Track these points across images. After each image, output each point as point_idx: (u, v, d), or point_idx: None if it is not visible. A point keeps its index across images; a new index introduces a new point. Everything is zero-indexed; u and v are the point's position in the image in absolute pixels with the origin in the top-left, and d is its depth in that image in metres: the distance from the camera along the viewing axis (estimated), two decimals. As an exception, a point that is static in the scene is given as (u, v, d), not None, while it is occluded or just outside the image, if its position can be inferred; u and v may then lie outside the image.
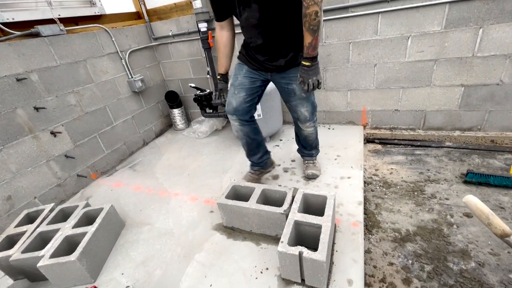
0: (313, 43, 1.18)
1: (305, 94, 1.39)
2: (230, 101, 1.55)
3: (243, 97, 1.51)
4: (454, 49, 1.92)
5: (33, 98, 1.86)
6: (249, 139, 1.67)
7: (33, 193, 1.88)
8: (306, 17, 1.14)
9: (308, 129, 1.69)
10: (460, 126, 2.18)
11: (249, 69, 1.51)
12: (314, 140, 1.81)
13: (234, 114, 1.56)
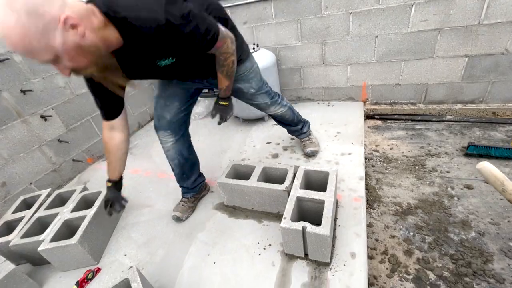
0: (230, 86, 1.21)
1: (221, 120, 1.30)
2: (161, 115, 1.31)
3: (177, 106, 1.30)
4: (459, 17, 1.83)
5: (18, 81, 1.76)
6: (182, 159, 1.43)
7: (28, 179, 1.84)
8: (224, 67, 1.11)
9: (278, 111, 1.58)
10: (462, 99, 2.14)
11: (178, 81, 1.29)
12: (292, 116, 1.68)
13: (168, 129, 1.33)
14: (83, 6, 0.74)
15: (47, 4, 0.64)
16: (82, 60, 0.75)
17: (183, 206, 1.52)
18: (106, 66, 0.85)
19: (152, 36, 0.82)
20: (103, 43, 0.78)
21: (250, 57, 1.32)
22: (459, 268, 1.16)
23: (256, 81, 1.38)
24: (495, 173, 0.60)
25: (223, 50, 1.03)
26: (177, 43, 0.87)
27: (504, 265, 1.14)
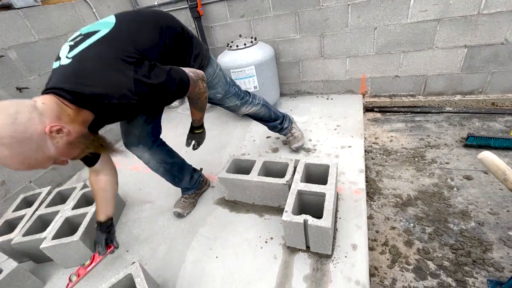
0: (202, 117, 1.26)
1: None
2: (127, 130, 1.23)
3: (143, 118, 1.22)
4: (459, 7, 1.81)
5: (14, 78, 1.74)
6: (167, 165, 1.40)
7: (27, 177, 1.84)
8: (198, 104, 1.13)
9: (250, 110, 1.54)
10: (461, 90, 2.13)
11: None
12: (268, 112, 1.63)
13: (139, 144, 1.26)
14: (53, 105, 0.74)
15: (29, 125, 0.67)
16: (75, 151, 0.82)
17: (183, 202, 1.52)
18: (91, 143, 0.88)
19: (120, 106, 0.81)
20: (84, 125, 0.84)
21: (211, 62, 1.24)
22: (459, 257, 1.17)
23: (222, 85, 1.33)
24: (497, 163, 0.60)
25: (196, 92, 1.03)
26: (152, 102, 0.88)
27: (503, 254, 1.15)
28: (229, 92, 1.39)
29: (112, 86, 0.79)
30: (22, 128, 0.66)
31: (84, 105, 0.80)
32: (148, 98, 0.85)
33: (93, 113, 0.84)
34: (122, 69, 0.80)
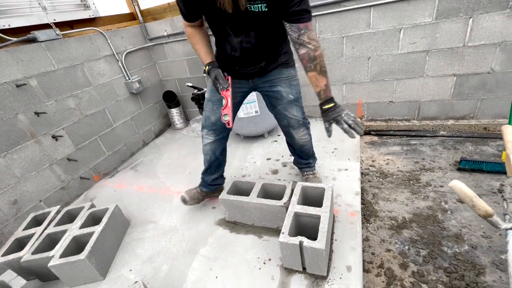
0: (328, 84, 1.17)
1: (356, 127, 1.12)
2: (208, 116, 1.45)
3: None
4: (445, 40, 1.95)
5: (33, 103, 1.89)
6: (213, 157, 1.57)
7: (38, 197, 1.92)
8: (316, 60, 1.11)
9: (303, 137, 1.56)
10: (454, 115, 2.23)
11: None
12: (311, 147, 1.67)
13: (211, 129, 1.47)
14: None
15: None
16: None
17: (194, 193, 1.68)
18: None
19: None
20: None
21: (295, 66, 1.40)
22: (453, 281, 1.20)
23: (296, 90, 1.42)
24: (465, 191, 0.67)
25: (312, 35, 1.06)
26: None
27: (495, 277, 1.18)
28: (298, 101, 1.45)
29: None
30: None
31: None
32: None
33: None
34: None
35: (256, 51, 1.24)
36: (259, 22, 1.12)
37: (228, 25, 1.16)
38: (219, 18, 1.13)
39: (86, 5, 2.33)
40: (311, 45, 1.08)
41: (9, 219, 1.75)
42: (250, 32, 1.17)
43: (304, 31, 1.06)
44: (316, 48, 1.09)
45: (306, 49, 1.09)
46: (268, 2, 1.03)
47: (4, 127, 1.73)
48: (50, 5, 2.04)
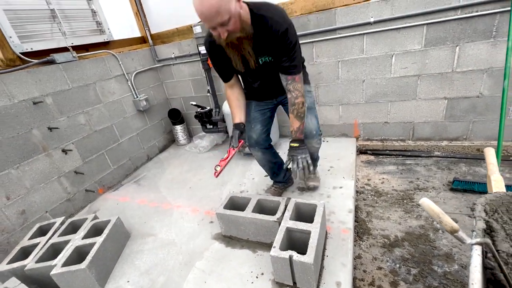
0: (300, 128, 1.40)
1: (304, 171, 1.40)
2: (250, 135, 1.66)
3: (260, 129, 1.64)
4: (434, 66, 2.06)
5: (47, 119, 2.03)
6: (271, 164, 1.80)
7: (44, 208, 2.01)
8: (295, 106, 1.36)
9: (315, 145, 1.66)
10: (447, 136, 2.29)
11: (256, 102, 1.65)
12: (317, 153, 1.85)
13: (256, 146, 1.67)
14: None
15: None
16: (236, 25, 1.14)
17: (274, 190, 1.91)
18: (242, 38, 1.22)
19: (271, 33, 1.22)
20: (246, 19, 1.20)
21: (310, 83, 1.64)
22: (442, 300, 1.22)
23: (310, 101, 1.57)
24: (432, 208, 0.73)
25: (296, 86, 1.32)
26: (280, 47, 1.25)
27: (484, 297, 1.19)
28: (312, 109, 1.58)
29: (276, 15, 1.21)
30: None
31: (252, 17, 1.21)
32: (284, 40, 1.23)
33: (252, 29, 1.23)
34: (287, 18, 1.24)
35: (273, 88, 1.52)
36: (269, 70, 1.39)
37: (248, 76, 1.50)
38: (241, 73, 1.49)
39: (101, 30, 2.54)
40: (294, 93, 1.33)
41: (16, 229, 1.83)
42: (265, 77, 1.46)
43: (290, 82, 1.33)
44: (297, 96, 1.34)
45: (290, 95, 1.36)
46: (272, 55, 1.32)
47: (20, 141, 1.86)
48: (69, 30, 2.24)
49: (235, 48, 1.25)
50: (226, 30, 1.12)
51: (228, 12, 1.06)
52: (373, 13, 2.05)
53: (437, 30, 1.95)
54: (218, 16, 1.06)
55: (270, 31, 1.21)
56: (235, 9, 1.09)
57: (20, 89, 1.86)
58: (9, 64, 1.85)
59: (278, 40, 1.23)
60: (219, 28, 1.11)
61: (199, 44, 2.60)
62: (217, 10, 1.04)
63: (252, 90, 1.60)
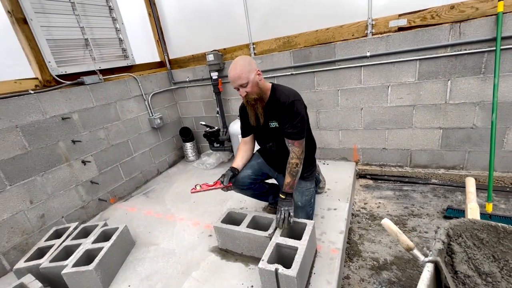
0: (291, 183, 1.58)
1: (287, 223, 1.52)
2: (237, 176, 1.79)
3: (248, 174, 1.79)
4: (428, 97, 2.19)
5: (72, 133, 2.27)
6: (253, 195, 1.92)
7: (61, 213, 2.20)
8: (290, 165, 1.57)
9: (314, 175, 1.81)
10: (444, 164, 2.35)
11: (263, 162, 1.87)
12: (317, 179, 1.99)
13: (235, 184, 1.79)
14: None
15: (253, 64, 1.52)
16: (254, 90, 1.52)
17: (270, 209, 2.09)
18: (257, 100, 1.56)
19: (279, 104, 1.56)
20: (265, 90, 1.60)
21: (313, 182, 1.79)
22: (423, 324, 1.26)
23: (306, 200, 1.73)
24: (391, 227, 0.83)
25: (295, 149, 1.56)
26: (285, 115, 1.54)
27: (464, 324, 1.22)
28: (304, 209, 1.73)
29: (287, 91, 1.59)
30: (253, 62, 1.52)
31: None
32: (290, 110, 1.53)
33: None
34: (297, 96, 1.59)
35: (280, 154, 1.72)
36: (276, 134, 1.67)
37: (260, 136, 1.79)
38: (255, 132, 1.81)
39: (126, 56, 2.85)
40: (291, 154, 1.58)
41: (35, 231, 2.02)
42: (273, 141, 1.72)
43: (290, 145, 1.59)
44: (293, 157, 1.57)
45: (289, 157, 1.60)
46: (278, 121, 1.61)
47: (47, 151, 2.10)
48: (98, 56, 2.56)
49: (251, 106, 1.59)
50: (245, 91, 1.51)
51: (247, 78, 1.48)
52: (369, 48, 2.23)
53: (429, 65, 2.10)
54: (239, 80, 1.48)
55: (278, 102, 1.57)
56: (254, 78, 1.50)
57: (52, 106, 2.13)
58: (46, 85, 2.14)
59: (283, 109, 1.54)
60: (240, 88, 1.52)
61: (211, 70, 2.86)
62: (239, 76, 1.47)
63: (265, 151, 1.84)
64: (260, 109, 1.59)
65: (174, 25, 3.11)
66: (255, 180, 1.83)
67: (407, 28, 2.10)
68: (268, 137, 1.73)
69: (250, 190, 1.85)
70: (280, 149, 1.70)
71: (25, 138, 1.97)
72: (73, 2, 2.29)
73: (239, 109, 1.83)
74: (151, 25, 3.17)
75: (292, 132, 1.55)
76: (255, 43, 2.72)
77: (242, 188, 1.81)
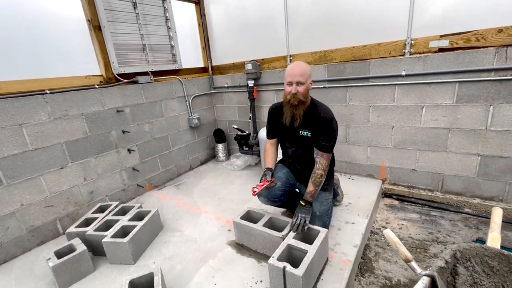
0: (313, 192, 1.68)
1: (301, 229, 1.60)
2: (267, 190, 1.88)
3: (278, 185, 1.86)
4: (466, 121, 2.09)
5: (123, 124, 2.62)
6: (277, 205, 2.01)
7: (106, 192, 2.53)
8: (315, 175, 1.67)
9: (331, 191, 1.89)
10: (480, 194, 2.20)
11: (289, 170, 1.96)
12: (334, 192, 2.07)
13: (266, 197, 1.90)
14: None
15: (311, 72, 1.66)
16: (303, 93, 1.63)
17: (288, 214, 2.13)
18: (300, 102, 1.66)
19: (319, 117, 1.67)
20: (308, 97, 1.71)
21: (331, 192, 1.88)
22: None
23: (324, 210, 1.80)
24: (392, 237, 0.87)
25: (323, 161, 1.67)
26: (322, 129, 1.66)
27: None
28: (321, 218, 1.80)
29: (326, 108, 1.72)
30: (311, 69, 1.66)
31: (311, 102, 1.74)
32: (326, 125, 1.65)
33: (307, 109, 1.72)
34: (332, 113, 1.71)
35: (303, 160, 1.84)
36: (305, 142, 1.78)
37: (287, 140, 1.88)
38: (284, 135, 1.87)
39: (174, 60, 3.19)
40: (317, 165, 1.68)
41: (84, 204, 2.36)
42: (299, 147, 1.83)
43: (319, 156, 1.69)
44: (319, 168, 1.68)
45: (315, 166, 1.70)
46: (312, 132, 1.72)
47: (101, 137, 2.45)
48: (152, 59, 2.91)
49: (293, 107, 1.67)
50: (297, 89, 1.61)
51: (305, 79, 1.60)
52: (405, 67, 2.22)
53: (469, 88, 2.02)
54: (300, 77, 1.59)
55: (318, 115, 1.67)
56: (308, 83, 1.64)
57: (111, 99, 2.50)
58: (108, 81, 2.52)
59: (322, 124, 1.66)
60: (295, 84, 1.60)
61: (248, 78, 3.06)
62: (302, 73, 1.59)
63: (288, 157, 1.94)
64: (301, 111, 1.68)
65: (219, 34, 3.39)
66: (285, 192, 1.91)
67: (448, 49, 2.06)
68: (295, 143, 1.83)
69: (280, 202, 1.95)
70: (304, 157, 1.82)
71: (87, 124, 2.33)
72: (137, 13, 2.67)
73: (270, 110, 1.90)
74: (199, 34, 3.50)
75: (325, 145, 1.67)
76: (292, 55, 2.85)
77: (274, 200, 1.92)
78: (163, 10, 2.95)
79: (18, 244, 1.99)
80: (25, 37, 2.03)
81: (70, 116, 2.21)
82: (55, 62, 2.21)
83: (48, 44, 2.15)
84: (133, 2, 2.62)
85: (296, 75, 1.58)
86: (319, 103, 1.74)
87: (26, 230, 2.03)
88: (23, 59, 2.04)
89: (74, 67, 2.33)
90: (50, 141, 2.11)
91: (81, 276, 1.69)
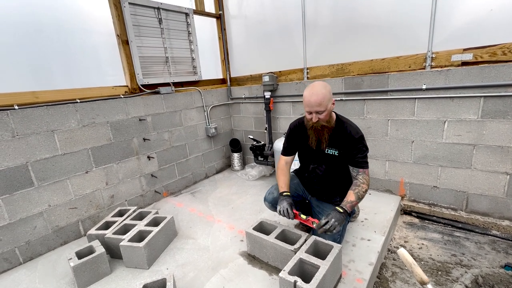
0: (353, 204, 1.61)
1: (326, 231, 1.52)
2: (271, 191, 1.95)
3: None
4: (493, 138, 1.99)
5: (144, 132, 2.74)
6: None
7: (125, 197, 2.64)
8: (359, 187, 1.63)
9: None
10: (510, 216, 2.06)
11: (299, 182, 1.98)
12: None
13: (270, 203, 1.93)
14: None
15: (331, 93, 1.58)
16: (325, 118, 1.59)
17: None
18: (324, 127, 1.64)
19: (349, 136, 1.64)
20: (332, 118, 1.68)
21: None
22: None
23: None
24: (407, 258, 0.84)
25: (365, 178, 1.66)
26: (353, 147, 1.64)
27: None
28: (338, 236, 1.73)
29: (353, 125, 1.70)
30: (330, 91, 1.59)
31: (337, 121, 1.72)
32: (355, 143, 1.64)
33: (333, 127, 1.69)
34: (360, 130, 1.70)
35: (324, 179, 1.83)
36: (329, 161, 1.76)
37: (310, 158, 1.86)
38: (307, 153, 1.86)
39: (195, 72, 3.32)
40: (360, 180, 1.65)
41: (105, 207, 2.47)
42: (322, 164, 1.80)
43: (361, 173, 1.66)
44: (364, 183, 1.65)
45: (357, 181, 1.66)
46: (340, 150, 1.69)
47: (124, 144, 2.58)
48: (174, 71, 3.05)
49: (317, 132, 1.67)
50: (318, 117, 1.59)
51: (325, 106, 1.55)
52: (426, 81, 2.17)
53: (495, 103, 1.93)
54: (318, 107, 1.54)
55: (348, 134, 1.65)
56: (329, 107, 1.58)
57: (134, 109, 2.64)
58: (132, 92, 2.67)
59: (354, 142, 1.64)
60: (314, 113, 1.58)
61: (265, 89, 3.12)
62: (320, 103, 1.53)
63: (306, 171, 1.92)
64: (326, 135, 1.66)
65: (238, 47, 3.50)
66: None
67: (472, 63, 1.99)
68: (319, 161, 1.80)
69: None
70: (327, 174, 1.80)
71: (112, 132, 2.47)
72: (162, 28, 2.83)
73: (290, 127, 1.87)
74: (219, 47, 3.63)
75: (363, 161, 1.66)
76: (309, 68, 2.88)
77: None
78: (186, 25, 3.10)
79: (43, 243, 2.12)
80: (61, 50, 2.22)
81: (96, 123, 2.35)
82: (86, 73, 2.39)
83: (80, 57, 2.34)
84: (158, 18, 2.79)
85: (314, 105, 1.54)
86: (345, 119, 1.72)
87: (52, 230, 2.15)
88: (59, 71, 2.23)
89: (102, 78, 2.50)
90: (78, 147, 2.25)
91: (98, 277, 1.76)
